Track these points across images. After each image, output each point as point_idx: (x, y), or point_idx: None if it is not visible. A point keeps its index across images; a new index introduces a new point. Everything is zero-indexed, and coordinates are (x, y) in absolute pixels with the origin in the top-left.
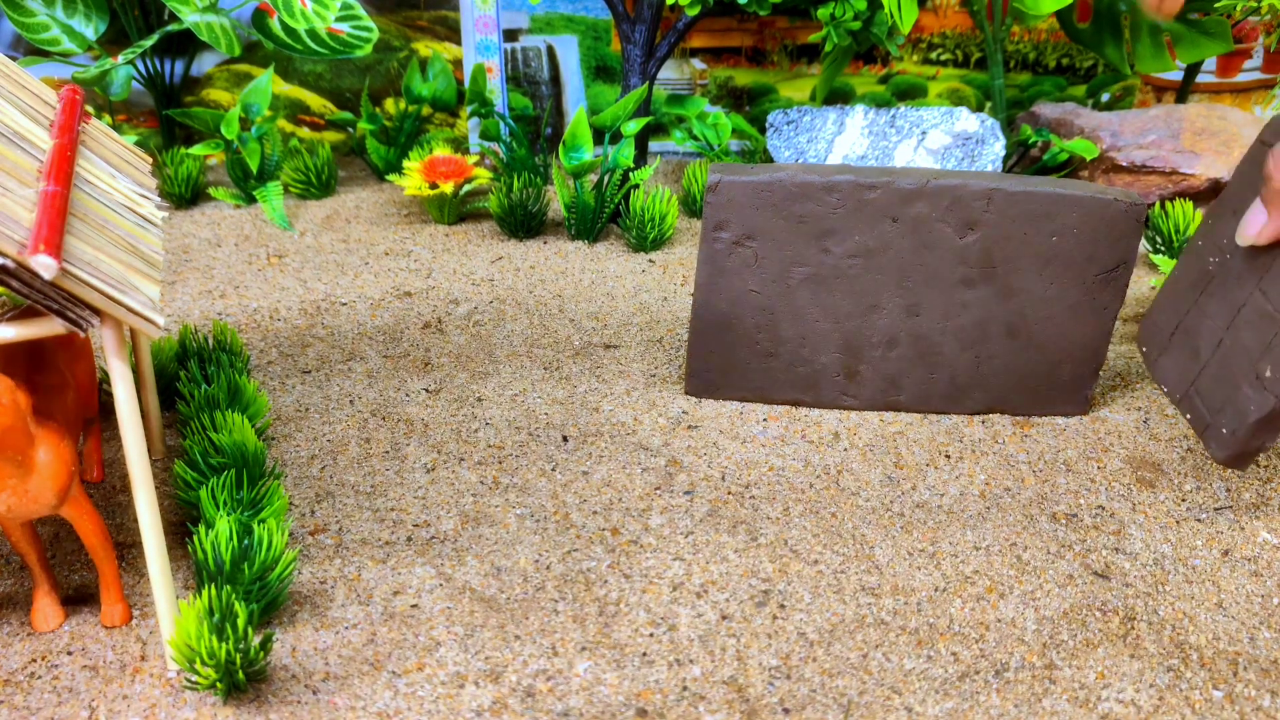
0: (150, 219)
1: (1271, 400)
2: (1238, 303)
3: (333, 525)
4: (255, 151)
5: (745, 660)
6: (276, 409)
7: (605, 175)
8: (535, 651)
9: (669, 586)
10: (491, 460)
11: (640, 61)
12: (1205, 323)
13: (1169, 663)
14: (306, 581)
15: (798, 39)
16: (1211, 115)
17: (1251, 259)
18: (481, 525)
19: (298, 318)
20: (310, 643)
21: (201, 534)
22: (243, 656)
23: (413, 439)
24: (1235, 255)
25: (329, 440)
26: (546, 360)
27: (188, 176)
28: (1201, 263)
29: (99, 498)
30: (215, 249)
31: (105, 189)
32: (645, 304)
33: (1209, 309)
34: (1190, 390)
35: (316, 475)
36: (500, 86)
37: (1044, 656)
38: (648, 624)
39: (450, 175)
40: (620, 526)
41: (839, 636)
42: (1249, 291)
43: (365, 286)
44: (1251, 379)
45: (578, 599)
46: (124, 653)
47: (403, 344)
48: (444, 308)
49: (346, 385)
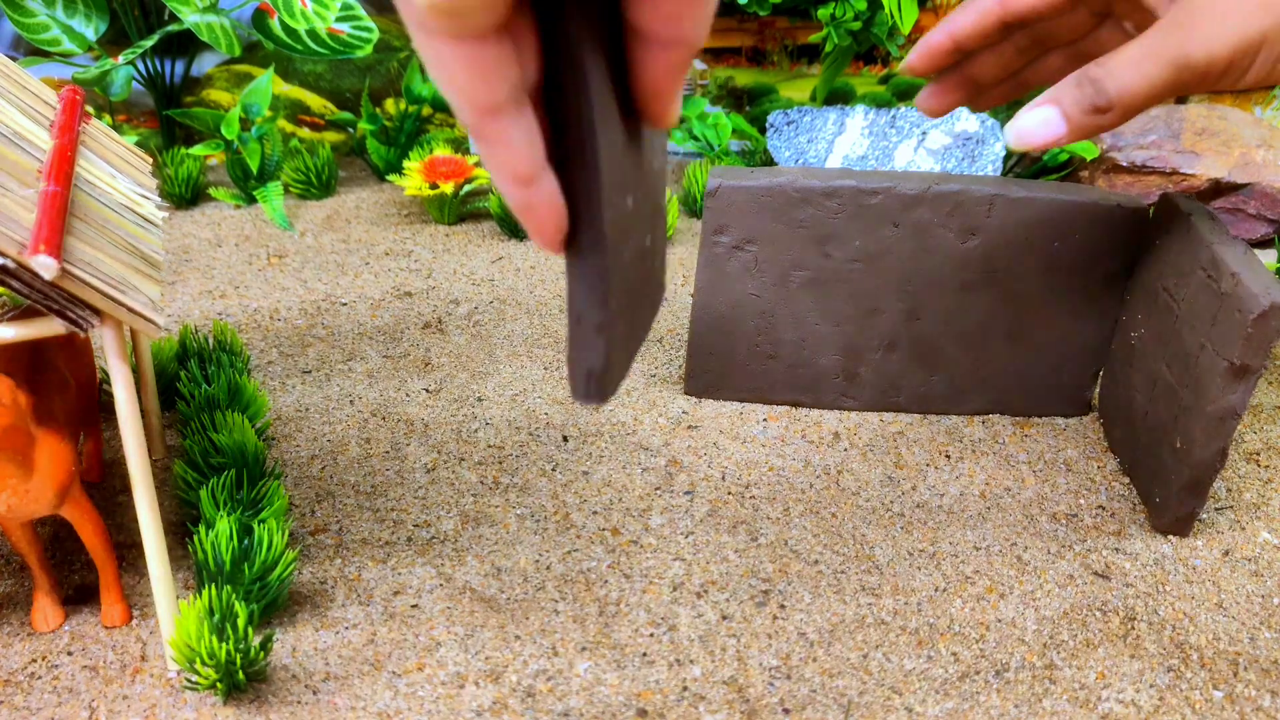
0: (150, 219)
1: (1186, 471)
2: (1153, 377)
3: (333, 525)
4: (255, 152)
5: (745, 660)
6: (276, 409)
7: None
8: (535, 651)
9: (669, 586)
10: (491, 460)
11: None
12: (1135, 396)
13: (1169, 663)
14: (307, 581)
15: (798, 39)
16: (1212, 115)
17: (1158, 339)
18: (482, 525)
19: (298, 318)
20: (310, 643)
21: (202, 534)
22: (243, 656)
23: (413, 439)
24: (1148, 332)
25: (329, 440)
26: (547, 360)
27: (188, 177)
28: (1127, 338)
29: (99, 498)
30: (215, 249)
31: (105, 189)
32: None
33: (1136, 383)
34: (1133, 461)
35: (317, 475)
36: None
37: (1044, 656)
38: (648, 624)
39: (450, 175)
40: (620, 526)
41: (839, 636)
42: (1160, 365)
43: (365, 286)
44: (1171, 449)
45: (578, 599)
46: (124, 653)
47: (403, 344)
48: (444, 308)
49: (347, 385)
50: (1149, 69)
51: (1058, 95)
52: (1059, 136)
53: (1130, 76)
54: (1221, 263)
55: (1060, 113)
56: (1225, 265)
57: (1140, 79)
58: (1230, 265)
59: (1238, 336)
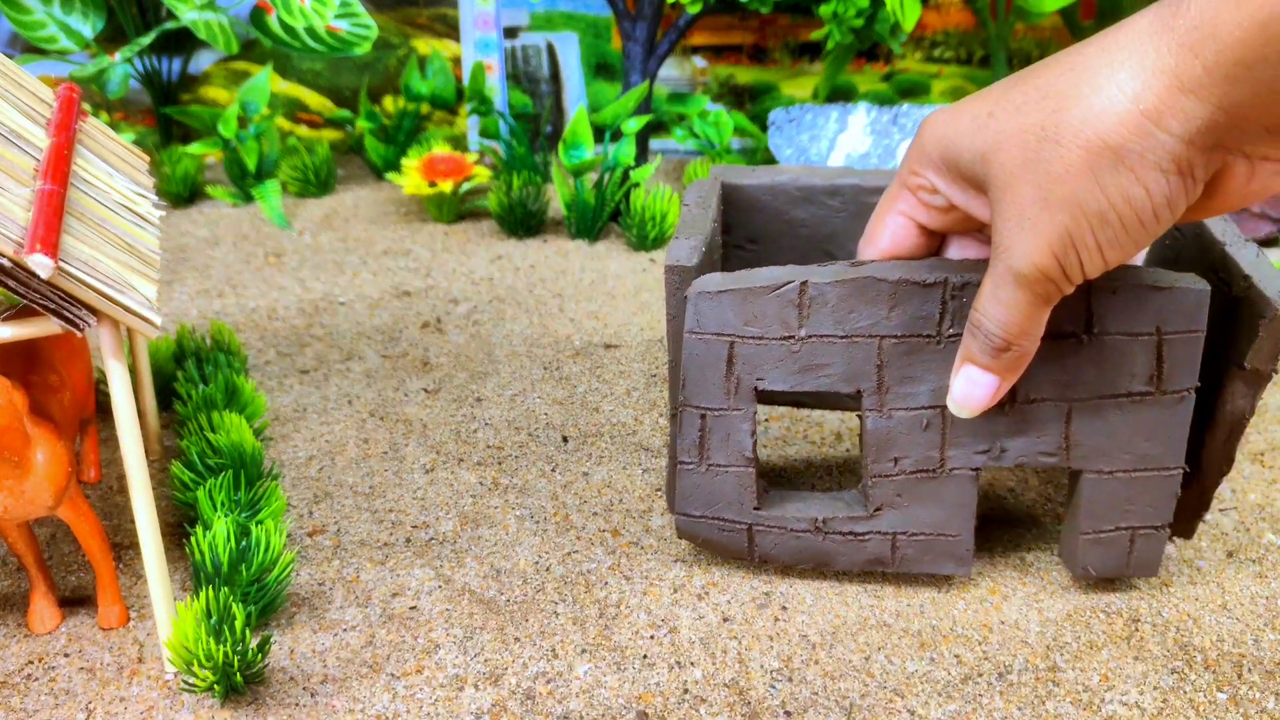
0: (147, 218)
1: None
2: None
3: (331, 526)
4: (253, 150)
5: (747, 663)
6: (274, 409)
7: (605, 174)
8: (535, 654)
9: (670, 588)
10: (491, 461)
11: (641, 59)
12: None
13: (1173, 665)
14: (305, 583)
15: (799, 36)
16: None
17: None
18: (481, 526)
19: (296, 317)
20: (308, 645)
21: (199, 535)
22: (240, 659)
23: (411, 439)
24: None
25: (327, 441)
26: (546, 360)
27: (185, 175)
28: None
29: (96, 498)
30: (213, 248)
31: (102, 188)
32: (646, 303)
33: None
34: None
35: (314, 476)
36: (500, 84)
37: (1047, 659)
38: (648, 626)
39: (449, 174)
40: (621, 528)
41: (841, 639)
42: None
43: (364, 286)
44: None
45: (578, 601)
46: (121, 654)
47: (401, 344)
48: (443, 307)
49: (345, 385)
50: (1004, 295)
51: (967, 350)
52: (995, 387)
53: (997, 310)
54: (1233, 265)
55: (979, 368)
56: (1237, 268)
57: (1006, 309)
58: (1242, 268)
59: (1248, 341)
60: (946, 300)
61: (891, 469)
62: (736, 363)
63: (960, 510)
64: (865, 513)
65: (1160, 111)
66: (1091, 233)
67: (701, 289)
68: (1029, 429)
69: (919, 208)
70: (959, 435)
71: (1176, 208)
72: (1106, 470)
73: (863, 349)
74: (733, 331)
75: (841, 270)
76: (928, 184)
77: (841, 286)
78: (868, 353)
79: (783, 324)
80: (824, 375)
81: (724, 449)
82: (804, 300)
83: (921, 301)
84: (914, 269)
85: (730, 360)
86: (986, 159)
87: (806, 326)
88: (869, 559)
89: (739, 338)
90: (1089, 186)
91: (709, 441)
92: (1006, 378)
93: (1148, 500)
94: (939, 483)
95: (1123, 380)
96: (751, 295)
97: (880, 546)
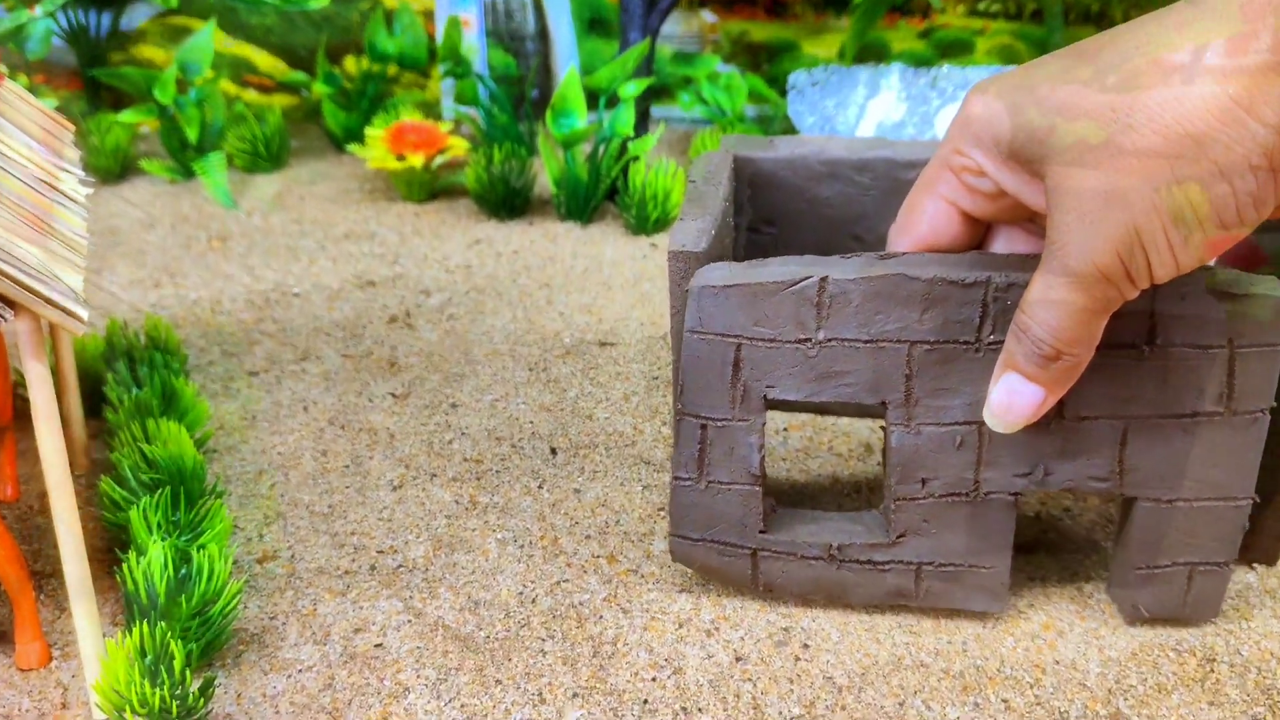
0: (73, 196)
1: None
2: None
3: (284, 552)
4: (194, 118)
5: (763, 708)
6: (219, 417)
7: (600, 145)
8: (519, 698)
9: (674, 623)
10: (468, 476)
11: (641, 13)
12: None
13: (1254, 711)
14: (254, 617)
15: None
16: None
17: None
18: (456, 552)
19: (244, 311)
20: (258, 688)
21: (132, 561)
22: (179, 704)
23: (377, 451)
24: None
25: (280, 453)
26: (532, 360)
27: (116, 147)
28: None
29: (13, 519)
30: (148, 231)
31: (19, 161)
32: (646, 294)
33: None
34: None
35: (265, 494)
36: (479, 42)
37: (1109, 704)
38: (649, 666)
39: (420, 146)
40: (618, 553)
41: (872, 681)
42: None
43: (322, 274)
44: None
45: (568, 637)
46: (42, 699)
47: (365, 341)
48: (413, 299)
49: (300, 389)
50: (1057, 297)
51: (1010, 357)
52: (1040, 400)
53: (1047, 314)
54: None
55: (1022, 377)
56: None
57: (1058, 313)
58: None
59: None
60: (988, 302)
61: (918, 491)
62: (743, 367)
63: (995, 539)
64: (886, 539)
65: (1253, 98)
66: (1164, 232)
67: (705, 282)
68: (1078, 450)
69: (962, 192)
70: (997, 455)
71: (1264, 207)
72: (1165, 499)
73: (890, 356)
74: (740, 332)
75: (868, 264)
76: (973, 165)
77: (867, 284)
78: (895, 360)
79: (798, 325)
80: (844, 384)
81: (726, 464)
82: (823, 298)
83: (959, 303)
84: (952, 265)
85: (736, 364)
86: (1043, 140)
87: (825, 329)
88: (889, 591)
89: (747, 339)
90: (1164, 179)
91: (710, 455)
92: (1054, 390)
93: (1211, 533)
94: (972, 508)
95: (1188, 398)
96: (763, 291)
97: (902, 578)
